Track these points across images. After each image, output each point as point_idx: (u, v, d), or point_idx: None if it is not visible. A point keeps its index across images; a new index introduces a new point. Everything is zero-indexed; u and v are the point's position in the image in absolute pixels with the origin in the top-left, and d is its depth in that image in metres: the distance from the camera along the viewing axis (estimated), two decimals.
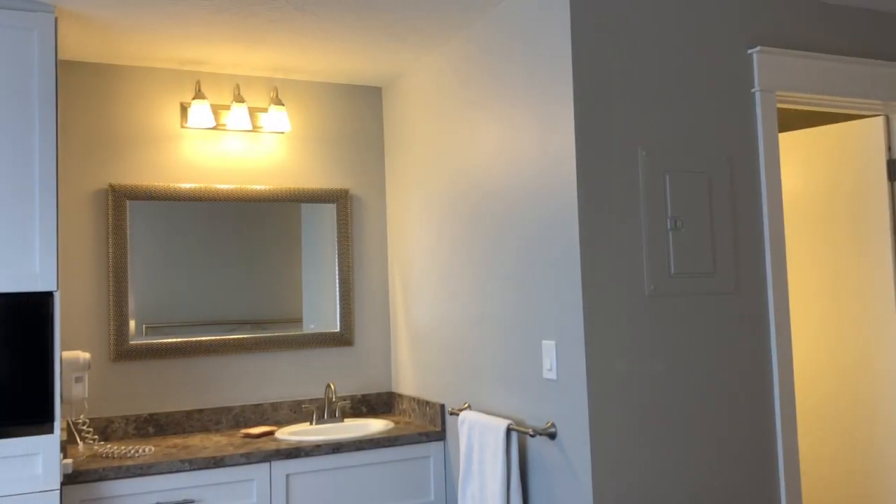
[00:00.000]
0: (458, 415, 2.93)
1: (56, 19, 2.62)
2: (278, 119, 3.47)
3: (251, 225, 3.49)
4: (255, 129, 3.51)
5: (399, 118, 3.63)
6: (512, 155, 2.69)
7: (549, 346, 2.47)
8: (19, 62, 2.56)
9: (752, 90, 2.66)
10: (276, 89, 3.50)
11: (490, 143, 2.83)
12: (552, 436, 2.44)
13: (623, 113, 2.43)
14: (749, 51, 2.66)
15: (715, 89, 2.60)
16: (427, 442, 3.13)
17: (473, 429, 2.75)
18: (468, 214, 3.00)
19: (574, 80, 2.37)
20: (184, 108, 3.41)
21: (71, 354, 2.78)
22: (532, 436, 2.46)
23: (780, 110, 3.93)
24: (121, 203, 3.25)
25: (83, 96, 3.27)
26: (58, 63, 2.67)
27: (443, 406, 3.18)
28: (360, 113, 3.77)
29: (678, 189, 2.49)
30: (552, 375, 2.45)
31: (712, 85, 2.60)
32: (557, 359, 2.43)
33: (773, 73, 2.67)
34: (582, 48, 2.39)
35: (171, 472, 2.73)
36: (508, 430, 2.57)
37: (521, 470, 2.61)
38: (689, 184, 2.51)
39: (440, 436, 3.15)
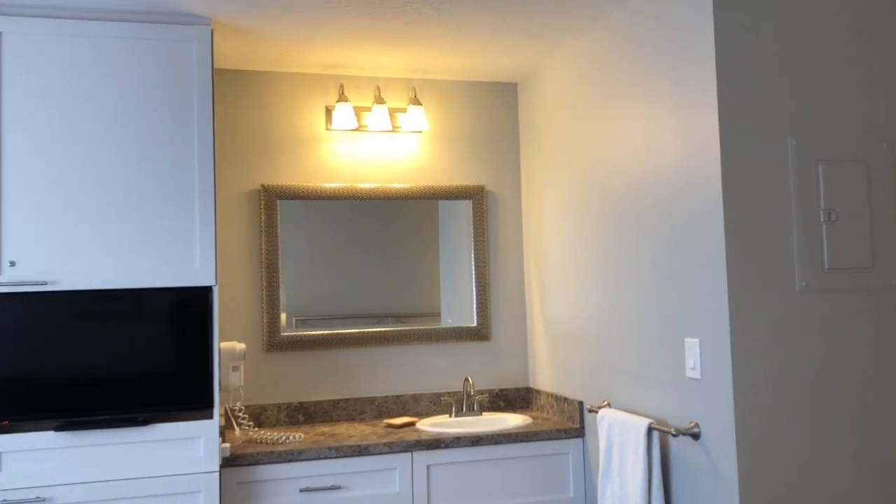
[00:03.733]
0: (596, 412, 2.90)
1: (212, 31, 2.80)
2: (417, 118, 3.55)
3: (391, 222, 3.60)
4: (394, 129, 3.61)
5: (535, 113, 3.62)
6: (652, 147, 2.63)
7: (692, 344, 2.40)
8: (180, 72, 2.76)
9: None
10: (414, 89, 3.58)
11: (628, 135, 2.78)
12: (696, 436, 2.37)
13: (770, 100, 2.32)
14: None
15: (874, 71, 2.43)
16: (566, 438, 3.12)
17: (613, 427, 2.71)
18: (606, 209, 2.96)
19: (717, 67, 2.28)
20: (328, 111, 3.55)
21: (228, 345, 2.97)
22: (674, 435, 2.39)
23: None
24: (272, 203, 3.44)
25: (236, 102, 3.47)
26: (213, 72, 2.85)
27: (581, 403, 3.16)
28: (495, 109, 3.79)
29: (832, 179, 2.35)
30: (696, 374, 2.38)
31: (871, 66, 2.43)
32: (702, 357, 2.36)
33: None
34: (725, 32, 2.30)
35: (318, 458, 2.86)
36: (649, 429, 2.52)
37: (663, 470, 2.55)
38: (844, 173, 2.36)
39: (579, 433, 3.13)
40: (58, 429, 2.57)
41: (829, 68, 2.39)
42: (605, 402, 2.93)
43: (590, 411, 2.95)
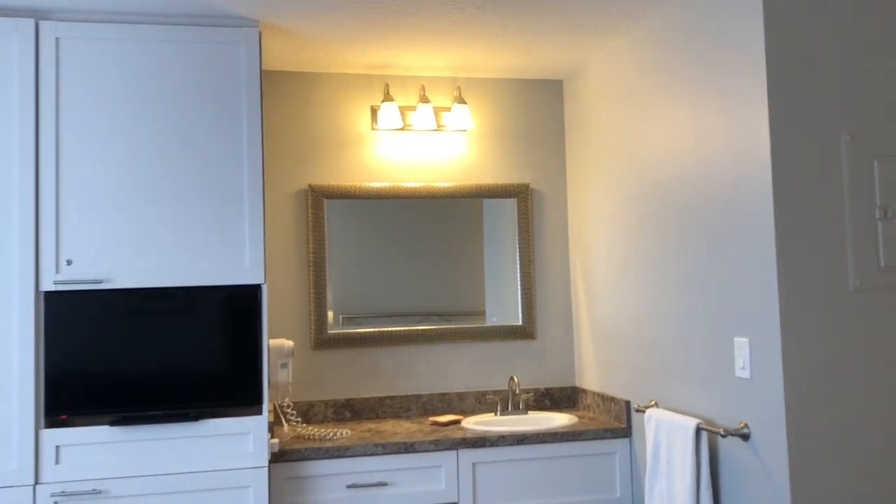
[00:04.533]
0: (644, 412, 2.87)
1: (260, 33, 2.84)
2: (461, 117, 3.55)
3: (436, 220, 3.61)
4: (439, 127, 3.62)
5: (580, 110, 3.60)
6: (700, 143, 2.59)
7: (741, 343, 2.36)
8: (228, 74, 2.81)
9: None
10: (458, 88, 3.59)
11: (676, 131, 2.75)
12: (745, 437, 2.34)
13: (822, 95, 2.27)
14: None
15: None
16: (612, 438, 3.09)
17: (661, 427, 2.68)
18: (654, 207, 2.93)
19: (767, 61, 2.24)
20: (374, 111, 3.58)
21: (277, 342, 3.01)
22: (723, 436, 2.36)
23: None
24: (319, 202, 3.48)
25: (284, 103, 3.52)
26: (262, 73, 2.89)
27: (628, 403, 3.13)
28: (540, 107, 3.78)
29: (889, 175, 2.29)
30: (745, 374, 2.34)
31: None
32: (751, 357, 2.32)
33: None
34: (775, 25, 2.25)
35: (365, 455, 2.89)
36: (698, 430, 2.48)
37: (712, 471, 2.52)
38: None
39: (626, 433, 3.10)
40: (113, 423, 2.63)
41: (884, 61, 2.33)
42: (653, 402, 2.90)
43: (637, 411, 2.92)
